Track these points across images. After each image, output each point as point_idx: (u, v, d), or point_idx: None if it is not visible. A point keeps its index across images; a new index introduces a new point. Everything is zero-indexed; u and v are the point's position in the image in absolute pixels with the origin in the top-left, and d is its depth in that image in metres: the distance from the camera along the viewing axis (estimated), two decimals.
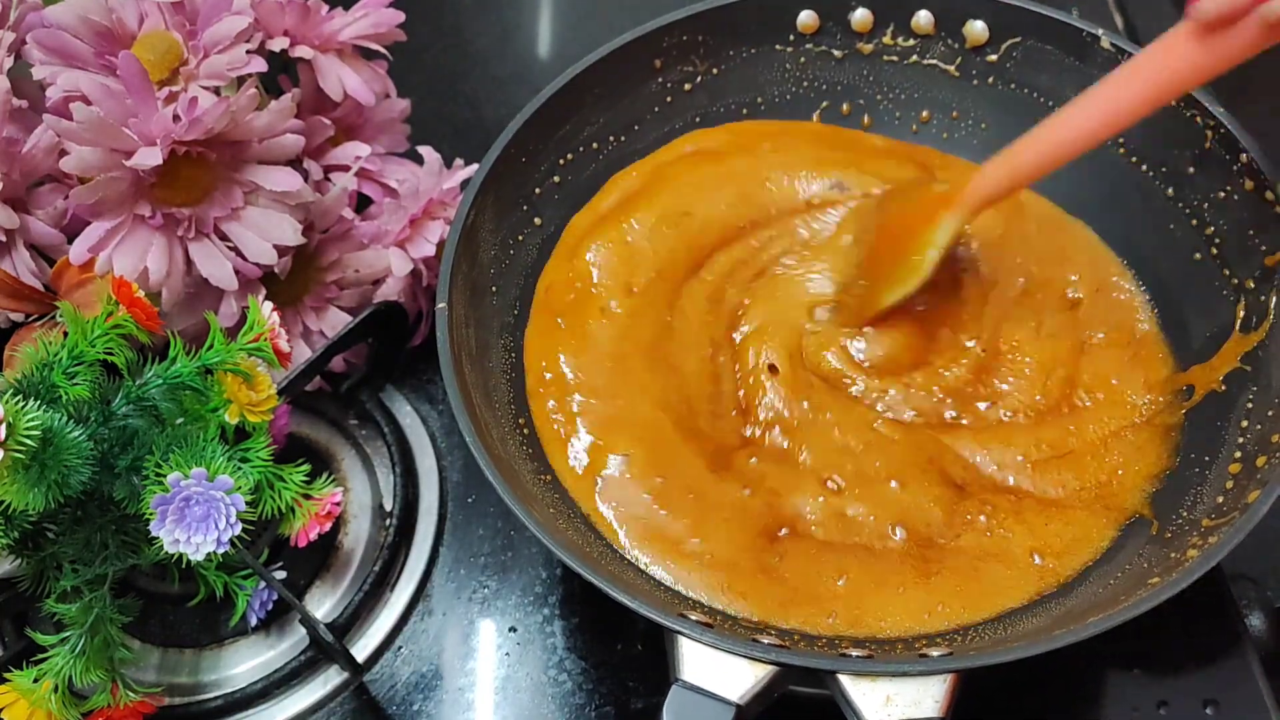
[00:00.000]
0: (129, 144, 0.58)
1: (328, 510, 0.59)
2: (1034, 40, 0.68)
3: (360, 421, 0.72)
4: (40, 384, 0.53)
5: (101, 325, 0.54)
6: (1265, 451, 0.53)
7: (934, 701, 0.46)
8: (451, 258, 0.59)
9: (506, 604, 0.65)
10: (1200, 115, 0.62)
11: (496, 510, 0.69)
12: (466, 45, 0.97)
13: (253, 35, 0.64)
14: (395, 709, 0.62)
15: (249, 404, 0.56)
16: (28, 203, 0.63)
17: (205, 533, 0.52)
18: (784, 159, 0.71)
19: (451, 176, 0.71)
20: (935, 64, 0.72)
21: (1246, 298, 0.60)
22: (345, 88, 0.69)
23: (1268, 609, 0.64)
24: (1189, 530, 0.54)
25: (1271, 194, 0.59)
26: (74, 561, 0.55)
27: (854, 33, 0.72)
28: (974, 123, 0.73)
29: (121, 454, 0.54)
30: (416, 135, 0.76)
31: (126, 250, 0.60)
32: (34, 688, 0.53)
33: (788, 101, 0.74)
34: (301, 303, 0.69)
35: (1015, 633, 0.53)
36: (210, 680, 0.63)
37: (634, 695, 0.61)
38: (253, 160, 0.63)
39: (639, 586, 0.55)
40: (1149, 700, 0.60)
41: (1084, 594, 0.55)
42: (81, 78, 0.59)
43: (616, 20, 0.72)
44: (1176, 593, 0.47)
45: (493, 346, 0.63)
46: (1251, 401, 0.57)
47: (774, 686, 0.47)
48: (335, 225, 0.69)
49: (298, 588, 0.65)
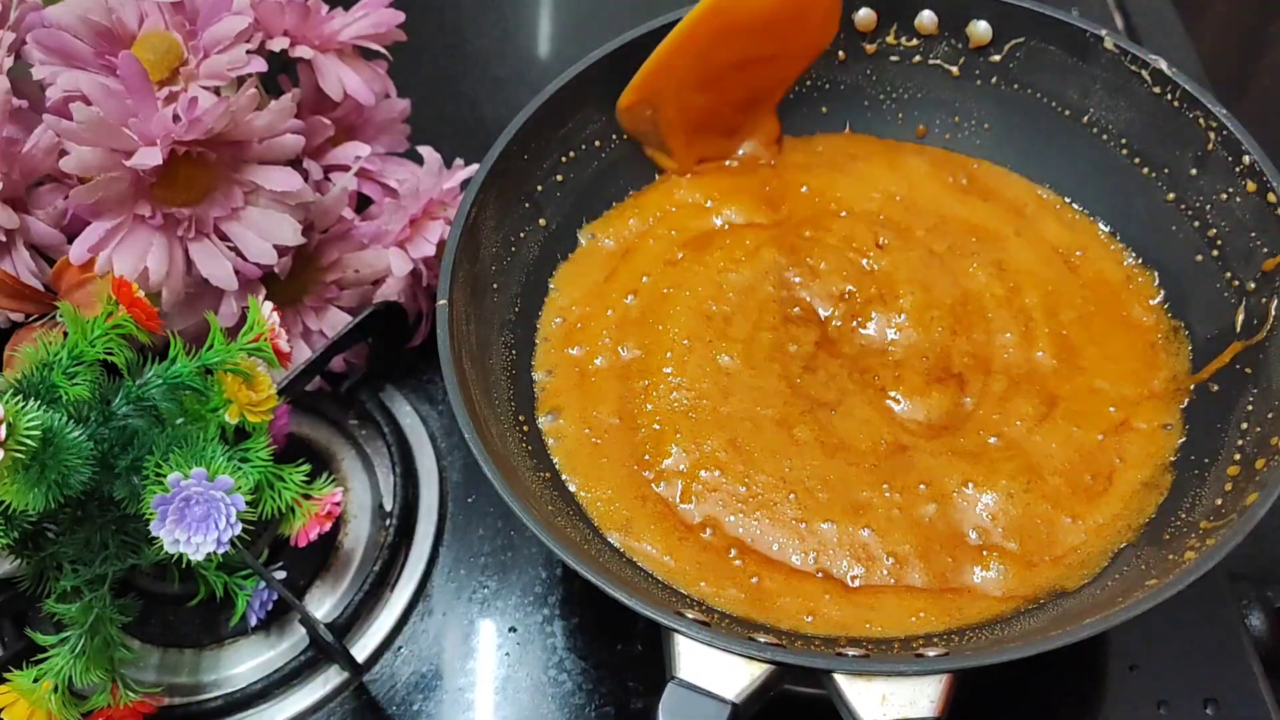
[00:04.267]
0: (129, 144, 0.58)
1: (328, 510, 0.59)
2: (1037, 40, 0.68)
3: (360, 421, 0.72)
4: (40, 384, 0.53)
5: (101, 325, 0.54)
6: (1264, 454, 0.53)
7: (930, 701, 0.46)
8: (452, 255, 0.59)
9: (506, 604, 0.65)
10: (1203, 116, 0.62)
11: (496, 510, 0.69)
12: (466, 45, 0.97)
13: (253, 35, 0.65)
14: (395, 709, 0.62)
15: (249, 404, 0.56)
16: (28, 203, 0.63)
17: (205, 533, 0.52)
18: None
19: (451, 176, 0.71)
20: (938, 64, 0.72)
21: (1247, 300, 0.60)
22: (345, 88, 0.69)
23: (1268, 609, 0.64)
24: (1187, 532, 0.54)
25: (1273, 195, 0.59)
26: (74, 561, 0.56)
27: (857, 32, 0.72)
28: (976, 123, 0.73)
29: (121, 454, 0.54)
30: (416, 135, 0.76)
31: (126, 250, 0.60)
32: (34, 688, 0.53)
33: (789, 101, 0.74)
34: (301, 303, 0.69)
35: (1012, 633, 0.53)
36: (210, 680, 0.63)
37: (634, 695, 0.61)
38: (253, 160, 0.63)
39: (637, 585, 0.55)
40: (1149, 700, 0.60)
41: (1081, 595, 0.55)
42: (81, 78, 0.59)
43: (617, 20, 0.71)
44: (1173, 595, 0.47)
45: (493, 344, 0.63)
46: (1251, 404, 0.57)
47: (770, 685, 0.47)
48: (335, 225, 0.69)
49: (298, 588, 0.65)
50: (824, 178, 0.72)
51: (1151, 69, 0.64)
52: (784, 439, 0.60)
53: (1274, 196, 0.59)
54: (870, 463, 0.59)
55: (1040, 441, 0.60)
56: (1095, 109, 0.68)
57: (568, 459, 0.61)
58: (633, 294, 0.67)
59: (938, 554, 0.56)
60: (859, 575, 0.56)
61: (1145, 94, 0.65)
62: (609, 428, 0.62)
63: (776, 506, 0.58)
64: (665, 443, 0.61)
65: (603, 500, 0.59)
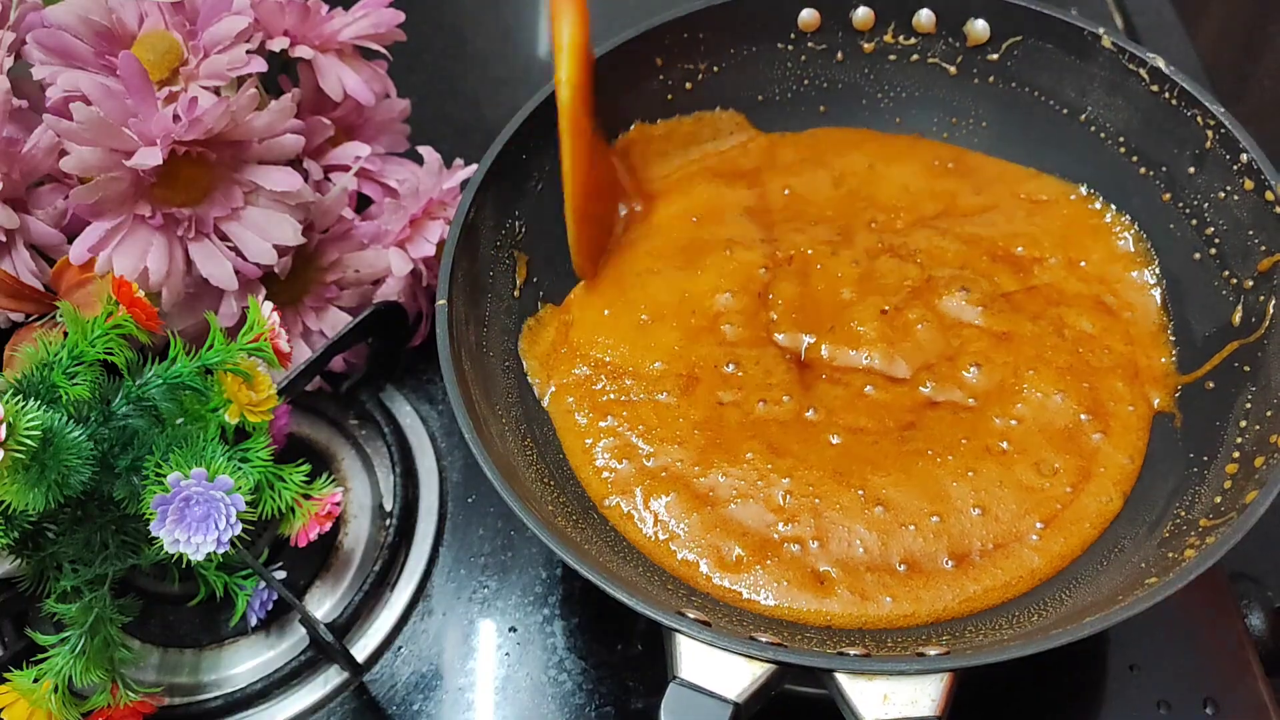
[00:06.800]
0: (129, 144, 0.58)
1: (328, 510, 0.59)
2: (1035, 39, 0.68)
3: (360, 421, 0.72)
4: (40, 384, 0.53)
5: (101, 325, 0.54)
6: (1263, 452, 0.53)
7: (931, 700, 0.46)
8: (452, 255, 0.59)
9: (506, 604, 0.65)
10: (1201, 115, 0.62)
11: (496, 510, 0.69)
12: (466, 45, 0.97)
13: (253, 35, 0.65)
14: (395, 709, 0.62)
15: (249, 404, 0.56)
16: (28, 203, 0.63)
17: (205, 533, 0.52)
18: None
19: (451, 176, 0.71)
20: (936, 63, 0.72)
21: (1245, 298, 0.60)
22: (345, 88, 0.69)
23: (1268, 609, 0.64)
24: (1187, 530, 0.54)
25: (1271, 194, 0.59)
26: (74, 561, 0.56)
27: (855, 31, 0.72)
28: (974, 121, 0.73)
29: (121, 454, 0.54)
30: (416, 135, 0.76)
31: (126, 250, 0.60)
32: (34, 688, 0.53)
33: (789, 100, 0.74)
34: (301, 303, 0.69)
35: (1013, 632, 0.53)
36: (210, 680, 0.63)
37: (634, 695, 0.61)
38: (253, 160, 0.63)
39: (637, 584, 0.55)
40: (1149, 700, 0.60)
41: (1081, 594, 0.55)
42: (81, 78, 0.59)
43: (617, 20, 0.72)
44: (1173, 593, 0.47)
45: (492, 344, 0.63)
46: (1250, 402, 0.57)
47: (771, 685, 0.47)
48: (335, 225, 0.69)
49: (298, 588, 0.65)
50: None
51: (1150, 67, 0.64)
52: (783, 435, 0.61)
53: (1272, 195, 0.59)
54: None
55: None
56: (1093, 107, 0.68)
57: (568, 458, 0.61)
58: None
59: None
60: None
61: (1143, 92, 0.65)
62: (609, 426, 0.62)
63: (770, 492, 0.59)
64: (665, 441, 0.61)
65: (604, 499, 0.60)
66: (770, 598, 0.56)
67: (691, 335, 0.65)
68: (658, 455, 0.61)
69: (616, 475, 0.60)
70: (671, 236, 0.70)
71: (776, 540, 0.58)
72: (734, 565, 0.57)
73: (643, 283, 0.68)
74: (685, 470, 0.60)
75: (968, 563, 0.57)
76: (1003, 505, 0.58)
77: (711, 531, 0.58)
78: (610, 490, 0.60)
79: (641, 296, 0.67)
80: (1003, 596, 0.56)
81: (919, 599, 0.56)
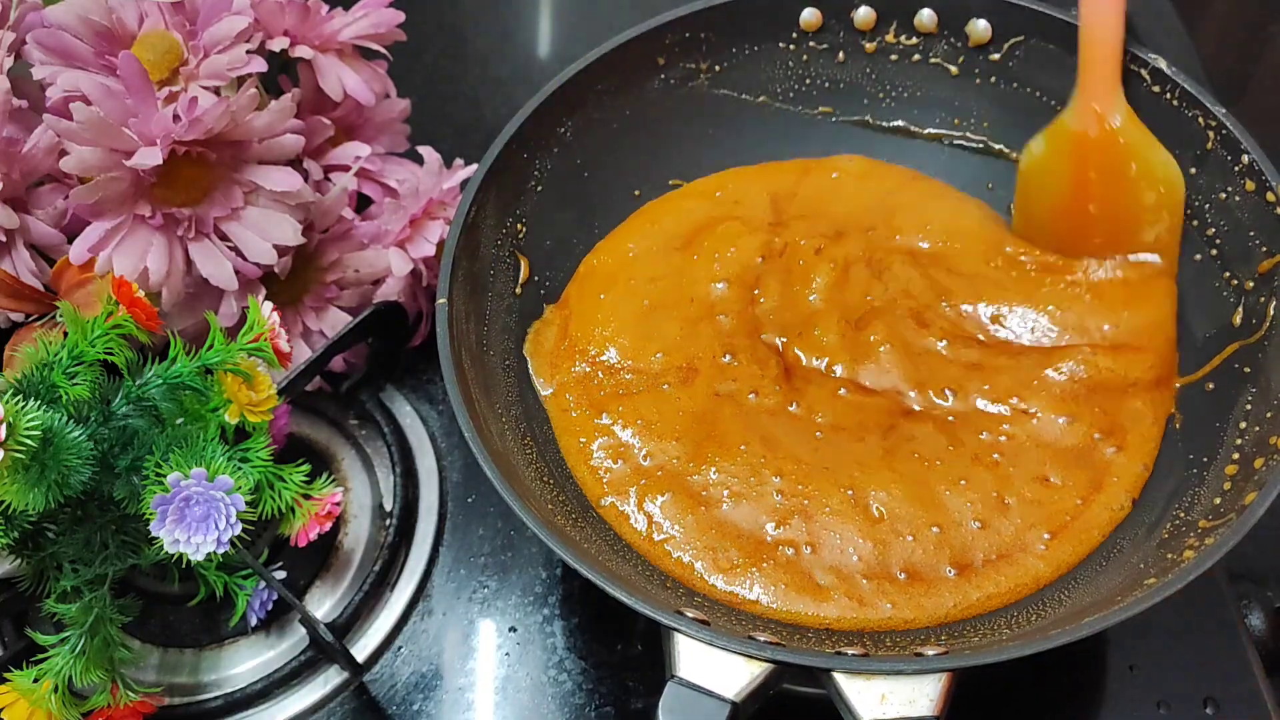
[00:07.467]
0: (129, 144, 0.58)
1: (328, 510, 0.59)
2: (1037, 39, 0.68)
3: (360, 421, 0.72)
4: (40, 384, 0.53)
5: (101, 325, 0.54)
6: (1263, 453, 0.53)
7: (929, 700, 0.46)
8: (452, 255, 0.59)
9: (506, 604, 0.65)
10: (1202, 116, 0.62)
11: (496, 510, 0.69)
12: (466, 45, 0.97)
13: (253, 35, 0.65)
14: (395, 709, 0.62)
15: (249, 404, 0.56)
16: (28, 203, 0.63)
17: (205, 533, 0.52)
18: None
19: (451, 176, 0.71)
20: (938, 62, 0.72)
21: (1246, 299, 0.60)
22: (345, 88, 0.69)
23: (1268, 609, 0.64)
24: (1186, 531, 0.54)
25: (1272, 195, 0.59)
26: (74, 561, 0.56)
27: (857, 30, 0.72)
28: (975, 121, 0.73)
29: (121, 454, 0.54)
30: (416, 135, 0.76)
31: (126, 250, 0.60)
32: (34, 688, 0.53)
33: (790, 99, 0.74)
34: (301, 303, 0.69)
35: (1011, 633, 0.53)
36: (210, 680, 0.63)
37: (634, 695, 0.61)
38: (253, 160, 0.63)
39: (636, 584, 0.55)
40: (1149, 700, 0.60)
41: (1080, 595, 0.55)
42: (81, 78, 0.59)
43: (617, 19, 0.72)
44: (1172, 594, 0.47)
45: (493, 343, 0.63)
46: (1250, 403, 0.57)
47: (770, 684, 0.47)
48: (335, 225, 0.69)
49: (298, 588, 0.65)
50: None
51: (1151, 68, 0.64)
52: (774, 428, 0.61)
53: (1273, 196, 0.59)
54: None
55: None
56: None
57: (568, 457, 0.61)
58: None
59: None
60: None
61: (1144, 93, 0.65)
62: (609, 426, 0.62)
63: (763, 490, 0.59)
64: (662, 438, 0.61)
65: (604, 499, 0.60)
66: (767, 601, 0.56)
67: (691, 325, 0.65)
68: (654, 454, 0.61)
69: (613, 475, 0.60)
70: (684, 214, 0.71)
71: (770, 543, 0.57)
72: (730, 569, 0.57)
73: (638, 264, 0.68)
74: (681, 468, 0.60)
75: (970, 571, 0.56)
76: (1005, 519, 0.58)
77: (707, 534, 0.58)
78: (606, 490, 0.60)
79: (640, 275, 0.68)
80: (1004, 602, 0.56)
81: (920, 606, 0.56)
